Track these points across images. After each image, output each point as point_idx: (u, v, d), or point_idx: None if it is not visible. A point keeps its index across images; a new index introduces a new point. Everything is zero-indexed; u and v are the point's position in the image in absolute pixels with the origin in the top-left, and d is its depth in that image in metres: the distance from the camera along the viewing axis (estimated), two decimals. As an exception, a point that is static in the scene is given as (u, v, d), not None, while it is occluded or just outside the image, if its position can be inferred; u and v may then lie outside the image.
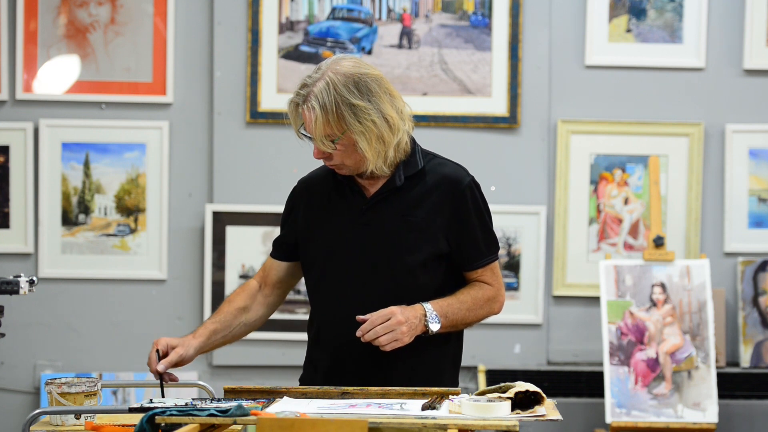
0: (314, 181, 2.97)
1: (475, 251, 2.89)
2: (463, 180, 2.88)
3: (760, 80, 4.86)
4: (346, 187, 2.89)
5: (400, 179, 2.85)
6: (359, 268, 2.84)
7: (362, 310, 2.78)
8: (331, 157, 2.80)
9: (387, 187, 2.85)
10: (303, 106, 2.77)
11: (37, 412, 2.59)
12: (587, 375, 4.77)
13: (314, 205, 2.92)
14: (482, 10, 4.81)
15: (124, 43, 4.80)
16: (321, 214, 2.90)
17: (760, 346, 4.80)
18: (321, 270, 2.89)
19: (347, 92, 2.74)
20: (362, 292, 2.83)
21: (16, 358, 4.81)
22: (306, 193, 2.95)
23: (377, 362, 2.81)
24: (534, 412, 2.37)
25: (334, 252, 2.86)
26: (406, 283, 2.83)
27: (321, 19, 4.81)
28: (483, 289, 2.89)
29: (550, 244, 4.83)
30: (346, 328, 2.80)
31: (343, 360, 2.84)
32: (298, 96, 2.78)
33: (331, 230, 2.87)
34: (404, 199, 2.85)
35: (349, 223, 2.86)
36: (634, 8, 4.84)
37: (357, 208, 2.86)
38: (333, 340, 2.86)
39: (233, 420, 2.31)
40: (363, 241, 2.84)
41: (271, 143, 4.79)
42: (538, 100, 4.82)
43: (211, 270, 4.78)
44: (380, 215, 2.85)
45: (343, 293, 2.85)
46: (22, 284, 2.60)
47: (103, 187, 4.81)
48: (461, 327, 2.89)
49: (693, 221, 4.83)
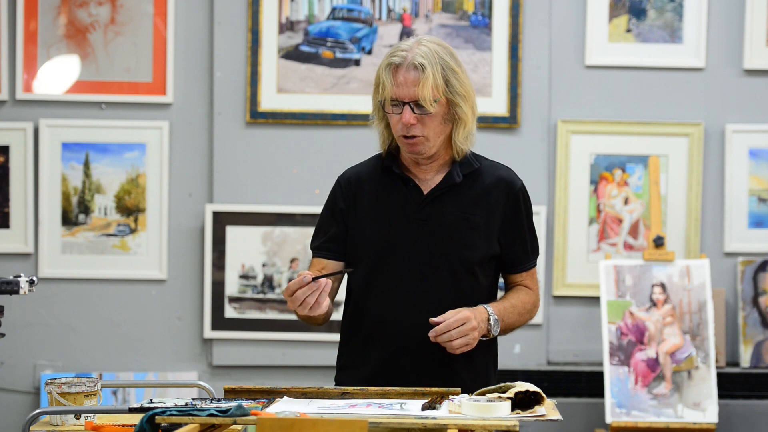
0: (359, 175, 2.94)
1: (524, 254, 2.93)
2: (517, 182, 2.92)
3: (760, 80, 4.86)
4: (399, 181, 2.87)
5: (458, 176, 2.85)
6: (417, 263, 2.82)
7: (421, 306, 2.78)
8: (418, 127, 2.78)
9: (446, 183, 2.86)
10: (404, 65, 2.75)
11: (37, 412, 2.59)
12: (587, 375, 4.77)
13: (362, 199, 2.89)
14: (482, 10, 4.81)
15: (124, 43, 4.80)
16: (372, 208, 2.88)
17: (760, 346, 4.80)
18: (373, 265, 2.85)
19: (449, 58, 2.80)
20: (420, 288, 2.81)
21: (16, 358, 4.81)
22: (351, 187, 2.92)
23: (435, 360, 2.80)
24: (534, 412, 2.38)
25: (390, 246, 2.83)
26: (467, 281, 2.84)
27: (321, 19, 4.81)
28: (528, 295, 2.93)
29: (550, 244, 4.83)
30: (404, 324, 2.80)
31: (399, 357, 2.82)
32: (397, 57, 2.77)
33: (385, 224, 2.85)
34: (462, 197, 2.86)
35: (406, 217, 2.84)
36: (634, 8, 4.84)
37: (414, 202, 2.85)
38: (389, 336, 2.83)
39: (233, 420, 2.31)
40: (421, 236, 2.83)
41: (271, 143, 4.79)
42: (538, 100, 4.82)
43: (211, 270, 4.78)
44: (439, 211, 2.84)
45: (399, 288, 2.82)
46: (22, 284, 2.60)
47: (103, 187, 4.81)
48: (509, 332, 2.90)
49: (693, 221, 4.83)
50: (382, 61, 2.81)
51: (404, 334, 2.81)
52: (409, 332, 2.80)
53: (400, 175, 2.88)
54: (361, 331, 2.90)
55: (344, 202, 2.91)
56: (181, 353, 4.83)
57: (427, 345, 2.76)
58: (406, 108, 2.76)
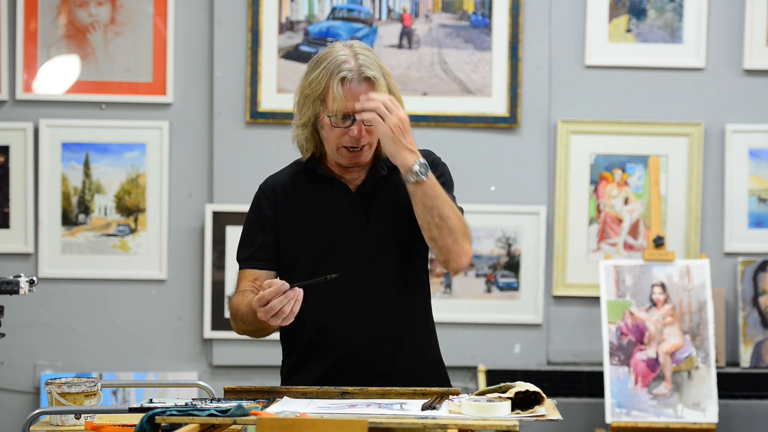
0: (282, 181, 2.91)
1: None
2: (432, 154, 2.88)
3: (760, 80, 4.86)
4: (324, 182, 2.85)
5: (383, 169, 2.84)
6: (359, 259, 2.80)
7: (368, 301, 2.78)
8: (366, 137, 2.76)
9: (372, 177, 2.85)
10: (354, 79, 2.73)
11: (37, 412, 2.59)
12: (587, 375, 4.77)
13: (289, 205, 2.87)
14: (482, 10, 4.81)
15: (124, 43, 4.80)
16: (301, 213, 2.85)
17: (760, 346, 4.80)
18: (310, 269, 2.80)
19: (381, 63, 2.80)
20: (363, 287, 2.80)
21: (16, 358, 4.81)
22: (277, 194, 2.89)
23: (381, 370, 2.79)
24: (534, 412, 2.37)
25: (325, 249, 2.81)
26: (410, 262, 2.83)
27: (321, 19, 4.81)
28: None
29: (550, 244, 4.83)
30: (348, 331, 2.78)
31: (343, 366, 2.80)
32: (344, 70, 2.74)
33: (318, 227, 2.83)
34: (388, 187, 2.84)
35: (338, 216, 2.83)
36: (634, 8, 4.84)
37: (344, 201, 2.84)
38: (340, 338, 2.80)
39: (233, 420, 2.31)
40: (356, 233, 2.82)
41: (271, 143, 4.79)
42: (538, 100, 4.82)
43: (211, 270, 4.78)
44: (369, 206, 2.83)
45: (341, 291, 2.79)
46: (22, 284, 2.60)
47: (103, 187, 4.81)
48: (435, 218, 2.73)
49: (693, 221, 4.83)
50: (324, 74, 2.75)
51: (348, 342, 2.79)
52: (352, 340, 2.78)
53: (324, 176, 2.86)
54: (302, 340, 2.86)
55: (271, 210, 2.88)
56: (181, 353, 4.83)
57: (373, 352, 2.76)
58: (358, 122, 2.74)
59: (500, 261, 4.81)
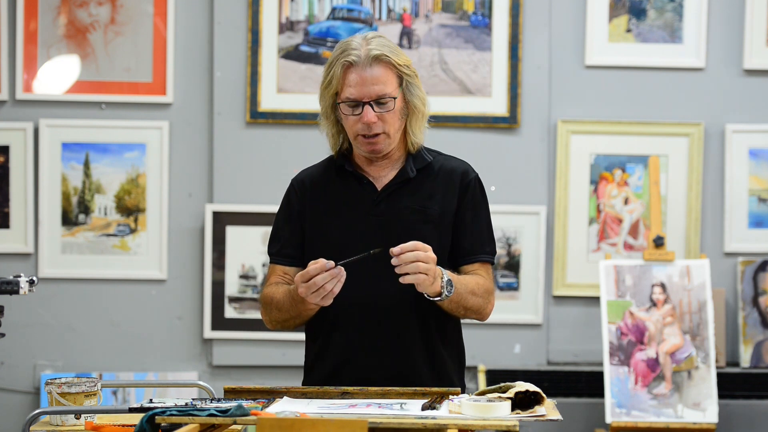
0: (312, 177, 2.94)
1: (479, 244, 2.89)
2: (471, 173, 2.91)
3: (760, 80, 4.86)
4: (352, 179, 2.87)
5: (412, 171, 2.86)
6: (375, 260, 2.80)
7: (379, 300, 2.78)
8: (379, 124, 2.78)
9: (399, 178, 2.86)
10: (360, 64, 2.74)
11: (37, 412, 2.59)
12: (587, 375, 4.77)
13: (317, 199, 2.89)
14: (482, 10, 4.81)
15: (124, 43, 4.80)
16: (327, 208, 2.87)
17: (760, 346, 4.80)
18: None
19: (396, 48, 2.81)
20: (380, 286, 2.79)
21: (16, 358, 4.81)
22: (305, 189, 2.92)
23: (399, 356, 2.80)
24: (534, 412, 2.37)
25: (347, 245, 2.81)
26: None
27: (321, 19, 4.81)
28: (483, 280, 2.88)
29: (550, 244, 4.83)
30: (363, 319, 2.79)
31: (360, 355, 2.81)
32: (351, 55, 2.75)
33: (342, 223, 2.85)
34: (416, 191, 2.85)
35: (362, 214, 2.84)
36: (634, 8, 4.84)
37: (369, 199, 2.85)
38: (349, 333, 2.82)
39: (233, 420, 2.31)
40: (378, 232, 2.82)
41: (271, 143, 4.79)
42: (538, 100, 4.82)
43: (211, 270, 4.78)
44: (394, 206, 2.84)
45: (359, 287, 2.79)
46: (22, 284, 2.60)
47: (103, 187, 4.81)
48: (460, 310, 2.82)
49: (693, 221, 4.83)
50: (332, 62, 2.78)
51: (364, 329, 2.80)
52: (368, 327, 2.79)
53: (353, 173, 2.87)
54: (321, 333, 2.88)
55: (299, 204, 2.91)
56: (181, 353, 4.83)
57: (388, 342, 2.78)
58: (366, 107, 2.76)
59: (500, 261, 4.81)
